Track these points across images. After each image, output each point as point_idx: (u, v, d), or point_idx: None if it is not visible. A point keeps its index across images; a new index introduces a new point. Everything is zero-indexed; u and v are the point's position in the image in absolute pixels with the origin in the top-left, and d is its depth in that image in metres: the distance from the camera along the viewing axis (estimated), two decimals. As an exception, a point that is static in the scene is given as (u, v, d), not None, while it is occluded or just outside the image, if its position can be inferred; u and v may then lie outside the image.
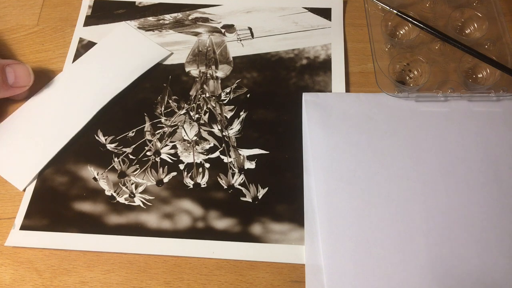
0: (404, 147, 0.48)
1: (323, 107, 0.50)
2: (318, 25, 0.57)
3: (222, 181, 0.48)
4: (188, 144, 0.50)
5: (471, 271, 0.42)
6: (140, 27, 0.57)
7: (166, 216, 0.46)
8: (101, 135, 0.51)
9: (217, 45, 0.56)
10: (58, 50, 0.56)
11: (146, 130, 0.51)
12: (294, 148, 0.49)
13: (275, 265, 0.44)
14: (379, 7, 0.55)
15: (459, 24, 0.55)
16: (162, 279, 0.44)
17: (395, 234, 0.44)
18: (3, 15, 0.59)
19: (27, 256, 0.45)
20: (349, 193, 0.45)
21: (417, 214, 0.44)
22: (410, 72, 0.52)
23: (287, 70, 0.54)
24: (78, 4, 0.60)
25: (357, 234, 0.44)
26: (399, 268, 0.42)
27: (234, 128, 0.51)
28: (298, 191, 0.47)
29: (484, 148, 0.47)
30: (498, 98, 0.50)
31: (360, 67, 0.54)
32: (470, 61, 0.52)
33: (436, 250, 0.43)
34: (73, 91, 0.53)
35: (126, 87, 0.52)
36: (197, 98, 0.53)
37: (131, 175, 0.49)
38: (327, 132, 0.49)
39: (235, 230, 0.45)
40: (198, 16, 0.58)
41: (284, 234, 0.45)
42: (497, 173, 0.46)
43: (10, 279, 0.44)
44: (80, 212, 0.47)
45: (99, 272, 0.44)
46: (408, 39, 0.54)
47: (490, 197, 0.45)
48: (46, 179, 0.49)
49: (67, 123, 0.51)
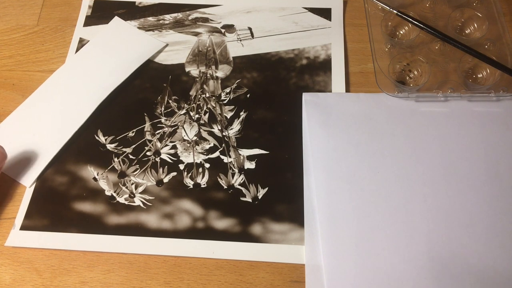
0: (404, 147, 0.48)
1: (323, 107, 0.50)
2: (318, 25, 0.57)
3: (222, 181, 0.48)
4: (188, 144, 0.50)
5: (471, 271, 0.42)
6: (140, 27, 0.57)
7: (166, 216, 0.46)
8: (101, 135, 0.51)
9: (217, 45, 0.56)
10: (58, 50, 0.56)
11: (146, 130, 0.51)
12: (294, 148, 0.49)
13: (275, 265, 0.44)
14: (379, 7, 0.55)
15: (459, 24, 0.55)
16: (162, 279, 0.44)
17: (395, 234, 0.44)
18: (3, 15, 0.60)
19: (27, 256, 0.45)
20: (349, 193, 0.45)
21: (417, 214, 0.44)
22: (410, 72, 0.52)
23: (287, 70, 0.54)
24: (78, 4, 0.60)
25: (357, 234, 0.44)
26: (399, 268, 0.42)
27: (234, 128, 0.51)
28: (298, 191, 0.47)
29: (484, 148, 0.47)
30: (498, 98, 0.50)
31: (360, 67, 0.54)
32: (470, 61, 0.52)
33: (436, 250, 0.43)
34: (73, 87, 0.53)
35: (125, 83, 0.53)
36: (197, 98, 0.53)
37: (131, 175, 0.49)
38: (327, 132, 0.49)
39: (235, 230, 0.45)
40: (198, 16, 0.58)
41: (284, 234, 0.45)
42: (497, 173, 0.46)
43: (10, 279, 0.44)
44: (80, 212, 0.47)
45: (99, 272, 0.44)
46: (408, 39, 0.54)
47: (490, 197, 0.45)
48: (46, 179, 0.49)
49: (68, 119, 0.51)
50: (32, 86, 0.54)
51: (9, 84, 0.54)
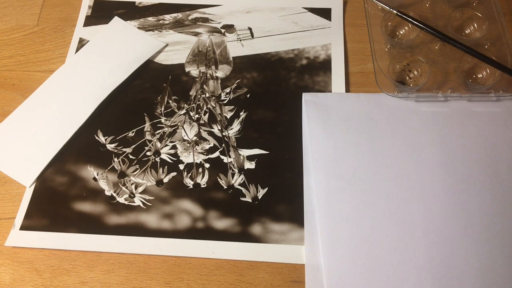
0: (404, 147, 0.48)
1: (323, 107, 0.50)
2: (318, 25, 0.57)
3: (222, 181, 0.48)
4: (188, 144, 0.50)
5: (470, 271, 0.42)
6: (140, 27, 0.57)
7: (166, 216, 0.46)
8: (101, 135, 0.51)
9: (217, 45, 0.56)
10: (58, 50, 0.56)
11: (146, 130, 0.51)
12: (294, 148, 0.49)
13: (275, 265, 0.44)
14: (379, 7, 0.55)
15: (459, 24, 0.55)
16: (162, 279, 0.44)
17: (395, 234, 0.44)
18: (3, 15, 0.60)
19: (27, 256, 0.45)
20: (349, 193, 0.45)
21: (417, 214, 0.44)
22: (410, 72, 0.52)
23: (287, 70, 0.54)
24: (78, 4, 0.60)
25: (357, 234, 0.44)
26: (398, 268, 0.42)
27: (234, 128, 0.51)
28: (298, 191, 0.47)
29: (484, 148, 0.47)
30: (498, 98, 0.50)
31: (360, 67, 0.54)
32: (470, 61, 0.52)
33: (436, 250, 0.43)
34: (73, 87, 0.53)
35: (125, 83, 0.53)
36: (197, 98, 0.53)
37: (131, 175, 0.49)
38: (327, 132, 0.49)
39: (235, 230, 0.45)
40: (198, 16, 0.58)
41: (284, 234, 0.45)
42: (497, 173, 0.46)
43: (10, 279, 0.44)
44: (80, 212, 0.47)
45: (99, 272, 0.44)
46: (408, 39, 0.54)
47: (490, 197, 0.45)
48: (46, 179, 0.49)
49: (68, 119, 0.51)
50: (32, 86, 0.54)
51: (9, 84, 0.54)
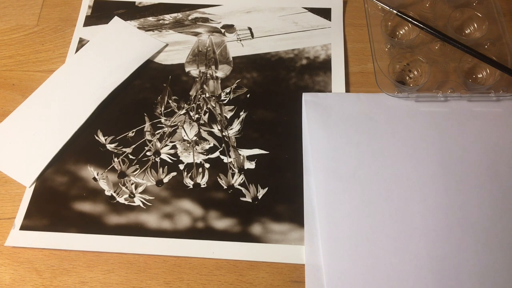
0: (404, 147, 0.48)
1: (323, 107, 0.50)
2: (318, 25, 0.57)
3: (222, 181, 0.48)
4: (188, 144, 0.50)
5: (470, 271, 0.42)
6: (140, 27, 0.57)
7: (166, 216, 0.46)
8: (101, 135, 0.51)
9: (217, 45, 0.56)
10: (58, 50, 0.56)
11: (146, 130, 0.51)
12: (294, 148, 0.49)
13: (275, 265, 0.44)
14: (379, 7, 0.55)
15: (459, 24, 0.55)
16: (162, 279, 0.44)
17: (395, 234, 0.44)
18: (3, 15, 0.60)
19: (27, 256, 0.45)
20: (349, 193, 0.45)
21: (417, 214, 0.44)
22: (410, 72, 0.52)
23: (287, 70, 0.54)
24: (78, 4, 0.60)
25: (357, 234, 0.44)
26: (398, 267, 0.42)
27: (234, 128, 0.51)
28: (298, 191, 0.47)
29: (484, 148, 0.47)
30: (498, 98, 0.50)
31: (360, 67, 0.54)
32: (470, 61, 0.52)
33: (436, 250, 0.43)
34: (73, 87, 0.53)
35: (125, 83, 0.53)
36: (197, 98, 0.53)
37: (131, 175, 0.49)
38: (327, 132, 0.49)
39: (235, 230, 0.45)
40: (198, 16, 0.58)
41: (284, 234, 0.45)
42: (497, 173, 0.46)
43: (10, 279, 0.44)
44: (80, 212, 0.47)
45: (99, 272, 0.44)
46: (408, 39, 0.54)
47: (490, 197, 0.45)
48: (46, 179, 0.49)
49: (68, 119, 0.51)
50: (32, 86, 0.54)
51: (9, 84, 0.54)
